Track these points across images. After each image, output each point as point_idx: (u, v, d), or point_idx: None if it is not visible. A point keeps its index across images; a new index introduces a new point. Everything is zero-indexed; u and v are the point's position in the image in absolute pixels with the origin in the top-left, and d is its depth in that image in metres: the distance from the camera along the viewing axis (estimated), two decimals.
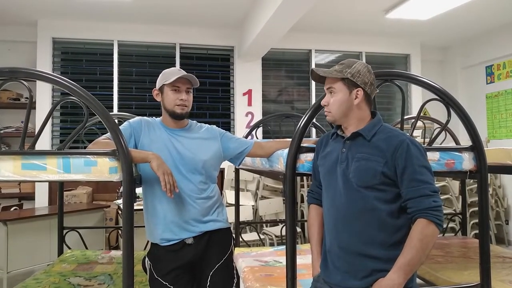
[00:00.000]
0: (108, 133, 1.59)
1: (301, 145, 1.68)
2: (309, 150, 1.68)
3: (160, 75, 1.92)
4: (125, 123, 1.87)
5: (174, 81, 1.83)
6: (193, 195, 1.82)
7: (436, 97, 1.80)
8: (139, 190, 1.98)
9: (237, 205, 3.28)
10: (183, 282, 1.80)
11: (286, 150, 1.71)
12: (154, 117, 1.96)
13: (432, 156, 1.70)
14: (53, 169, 1.47)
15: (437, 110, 3.45)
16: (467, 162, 1.77)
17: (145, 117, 1.94)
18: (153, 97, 1.95)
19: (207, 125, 2.03)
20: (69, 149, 1.53)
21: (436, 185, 1.45)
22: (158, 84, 1.91)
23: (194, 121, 2.01)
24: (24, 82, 1.52)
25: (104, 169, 1.49)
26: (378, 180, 1.37)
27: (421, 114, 1.97)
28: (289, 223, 1.66)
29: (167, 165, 1.67)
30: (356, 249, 1.40)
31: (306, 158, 1.68)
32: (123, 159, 1.50)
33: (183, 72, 1.85)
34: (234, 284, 1.91)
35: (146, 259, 1.87)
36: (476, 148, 1.76)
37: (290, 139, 1.72)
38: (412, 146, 1.37)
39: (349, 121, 1.47)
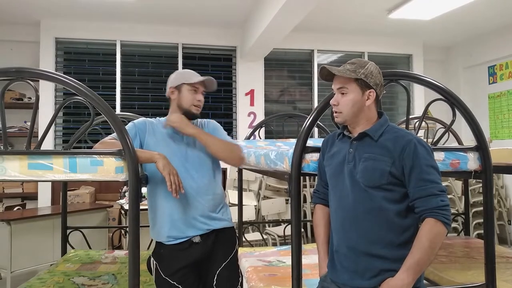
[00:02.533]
0: (114, 133, 1.59)
1: (306, 145, 1.68)
2: (314, 150, 1.69)
3: (177, 74, 1.94)
4: (130, 124, 1.89)
5: (195, 83, 1.86)
6: (199, 193, 1.83)
7: (441, 97, 1.80)
8: (144, 190, 1.99)
9: (240, 205, 3.28)
10: (190, 281, 1.81)
11: (291, 150, 1.71)
12: (158, 118, 1.98)
13: (437, 156, 1.70)
14: (59, 169, 1.47)
15: (439, 110, 3.45)
16: (472, 162, 1.77)
17: (148, 118, 1.96)
18: (167, 95, 1.94)
19: (207, 120, 2.02)
20: (75, 149, 1.53)
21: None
22: (176, 82, 1.90)
23: (198, 120, 2.02)
24: (31, 82, 1.53)
25: (110, 168, 1.50)
26: (385, 180, 1.37)
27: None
28: (294, 223, 1.66)
29: (172, 165, 1.68)
30: (364, 249, 1.40)
31: (311, 158, 1.68)
32: (129, 159, 1.51)
33: (204, 77, 1.89)
34: (239, 283, 1.92)
35: (152, 259, 1.88)
36: (481, 148, 1.76)
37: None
38: (420, 146, 1.37)
39: (358, 121, 1.47)
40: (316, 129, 4.90)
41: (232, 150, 1.86)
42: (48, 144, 4.89)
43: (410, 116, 2.16)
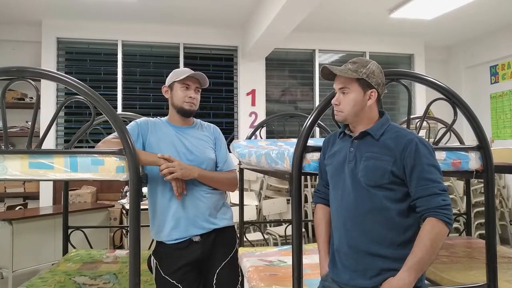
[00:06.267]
0: (116, 132, 1.60)
1: (307, 144, 1.68)
2: (315, 149, 1.68)
3: (171, 73, 1.94)
4: (132, 123, 1.90)
5: (184, 79, 1.86)
6: (200, 191, 1.85)
7: (443, 96, 1.80)
8: (144, 189, 2.00)
9: (241, 205, 3.28)
10: (190, 280, 1.81)
11: (292, 150, 1.71)
12: (159, 118, 1.98)
13: (439, 155, 1.69)
14: (60, 168, 1.48)
15: (441, 110, 3.44)
16: (473, 161, 1.76)
17: (150, 118, 1.96)
18: (162, 93, 1.96)
19: (212, 124, 2.06)
20: (76, 148, 1.54)
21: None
22: (169, 81, 1.93)
23: (199, 120, 2.04)
24: (32, 82, 1.53)
25: (111, 168, 1.50)
26: (387, 179, 1.37)
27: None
28: (295, 222, 1.66)
29: None
30: (365, 248, 1.39)
31: (312, 158, 1.67)
32: (130, 158, 1.51)
33: (192, 72, 1.88)
34: (239, 283, 1.92)
35: (152, 258, 1.88)
36: (483, 147, 1.75)
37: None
38: (421, 145, 1.37)
39: (359, 121, 1.46)
40: (317, 129, 4.91)
41: (229, 184, 1.96)
42: (49, 143, 4.90)
43: (412, 116, 2.16)
